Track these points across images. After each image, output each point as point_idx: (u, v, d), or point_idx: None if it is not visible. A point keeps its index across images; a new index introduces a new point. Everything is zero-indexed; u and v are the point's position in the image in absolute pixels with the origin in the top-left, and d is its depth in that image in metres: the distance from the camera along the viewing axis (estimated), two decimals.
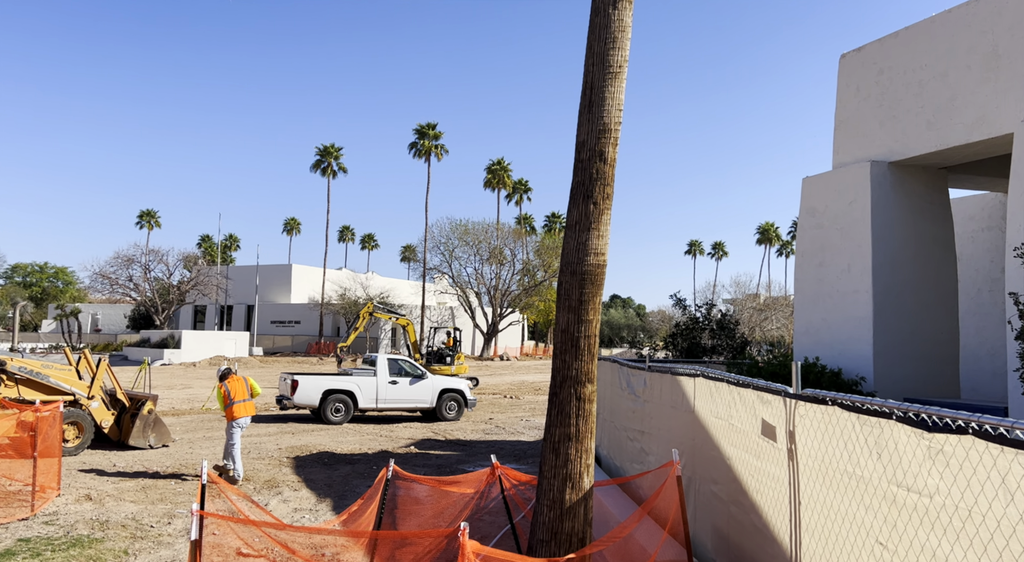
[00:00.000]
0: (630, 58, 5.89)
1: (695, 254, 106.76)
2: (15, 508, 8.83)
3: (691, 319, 16.34)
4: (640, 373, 8.79)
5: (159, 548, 7.74)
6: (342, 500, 10.18)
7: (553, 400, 5.95)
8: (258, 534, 6.52)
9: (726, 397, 5.76)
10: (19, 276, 75.05)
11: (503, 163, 74.10)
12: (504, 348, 68.34)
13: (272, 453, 13.66)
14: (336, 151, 67.99)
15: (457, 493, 8.22)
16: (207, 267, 65.34)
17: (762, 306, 54.73)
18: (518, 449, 15.02)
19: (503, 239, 65.32)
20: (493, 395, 27.67)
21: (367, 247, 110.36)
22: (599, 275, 5.86)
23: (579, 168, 5.88)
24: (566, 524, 5.63)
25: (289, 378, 18.12)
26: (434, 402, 19.13)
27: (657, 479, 6.56)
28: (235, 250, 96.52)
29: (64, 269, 77.01)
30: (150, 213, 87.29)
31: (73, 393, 13.06)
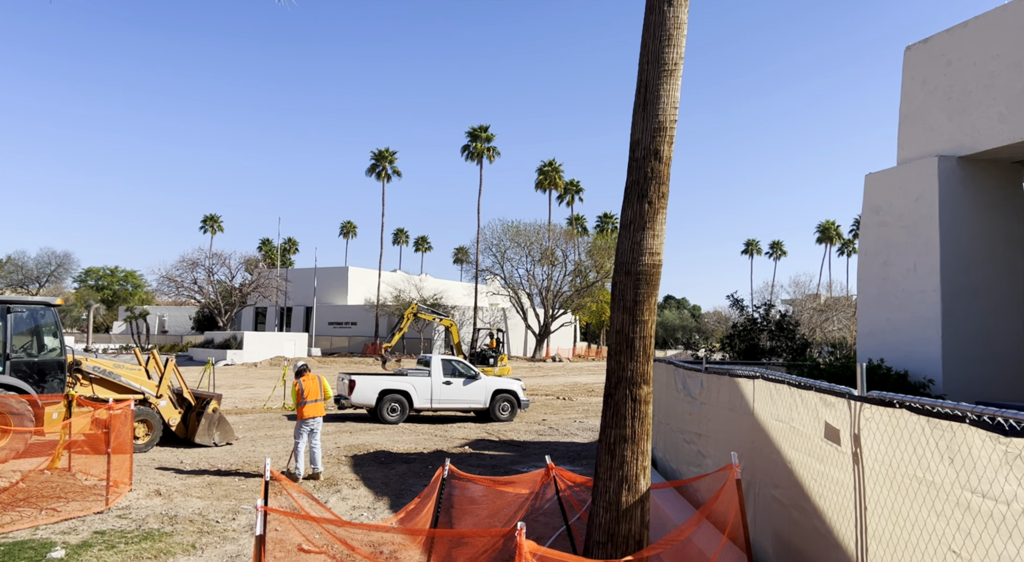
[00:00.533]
0: (685, 56, 5.81)
1: (752, 254, 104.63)
2: (91, 502, 9.23)
3: (749, 320, 16.01)
4: (696, 375, 8.66)
5: (224, 543, 7.98)
6: (399, 499, 10.33)
7: (608, 401, 5.91)
8: (319, 531, 6.67)
9: (787, 399, 5.63)
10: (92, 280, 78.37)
11: (555, 164, 74.02)
12: (556, 349, 68.22)
13: (331, 452, 13.94)
14: (391, 155, 69.01)
15: (512, 493, 8.24)
16: (267, 270, 67.10)
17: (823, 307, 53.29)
18: (572, 451, 14.98)
19: (555, 240, 65.24)
20: (546, 396, 27.65)
21: (420, 249, 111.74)
22: (654, 275, 5.80)
23: (633, 167, 5.83)
24: (623, 526, 5.58)
25: (347, 378, 18.48)
26: (487, 403, 19.24)
27: (715, 482, 6.46)
28: (294, 253, 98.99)
29: (133, 273, 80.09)
30: (213, 218, 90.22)
31: (143, 392, 13.57)
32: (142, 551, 7.47)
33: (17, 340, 12.65)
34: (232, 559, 7.47)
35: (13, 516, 8.47)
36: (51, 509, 8.86)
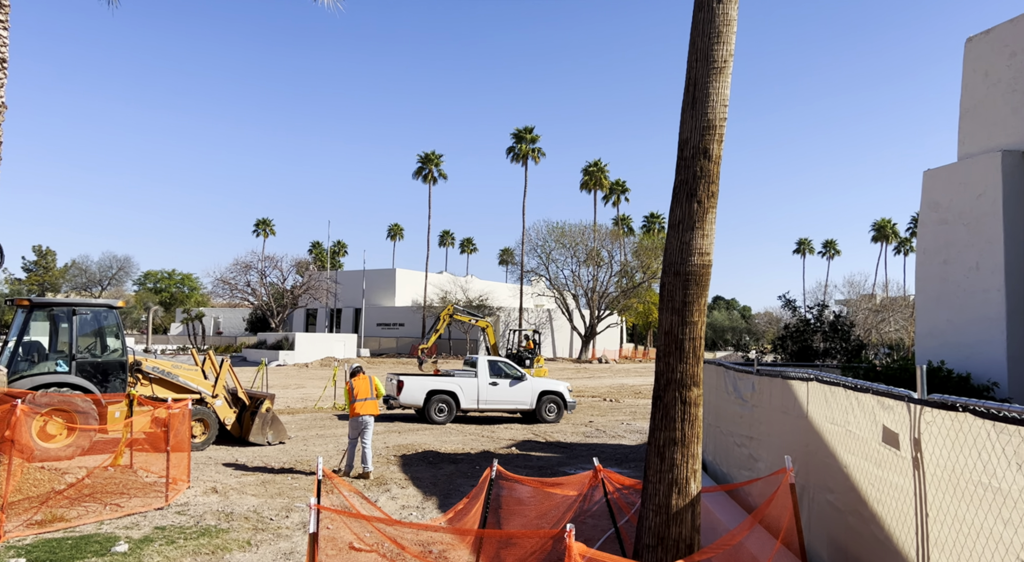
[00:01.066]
0: (735, 53, 5.73)
1: (804, 253, 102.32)
2: (151, 498, 9.54)
3: (801, 321, 15.65)
4: (748, 377, 8.52)
5: (278, 540, 8.16)
6: (447, 498, 10.40)
7: (657, 403, 5.86)
8: (369, 529, 6.77)
9: (842, 402, 5.50)
10: (151, 282, 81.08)
11: (600, 164, 73.62)
12: (602, 351, 67.80)
13: (380, 451, 14.12)
14: (437, 158, 69.63)
15: (560, 495, 8.23)
16: (317, 272, 68.40)
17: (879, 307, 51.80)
18: (619, 453, 14.87)
19: (600, 241, 64.89)
20: (592, 398, 27.51)
21: (466, 251, 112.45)
22: (704, 276, 5.73)
23: (682, 166, 5.77)
24: (673, 530, 5.52)
25: (395, 379, 18.71)
26: (534, 404, 19.24)
27: (768, 486, 6.34)
28: (343, 256, 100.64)
29: (189, 275, 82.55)
30: (266, 222, 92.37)
31: (199, 392, 13.97)
32: (200, 547, 7.69)
33: (82, 341, 13.15)
34: (286, 556, 7.63)
35: (80, 511, 8.81)
36: (114, 504, 9.19)
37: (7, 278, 67.23)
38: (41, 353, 13.01)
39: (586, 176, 73.81)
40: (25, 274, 71.11)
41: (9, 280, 67.62)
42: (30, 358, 12.74)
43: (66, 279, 70.78)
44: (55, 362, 12.73)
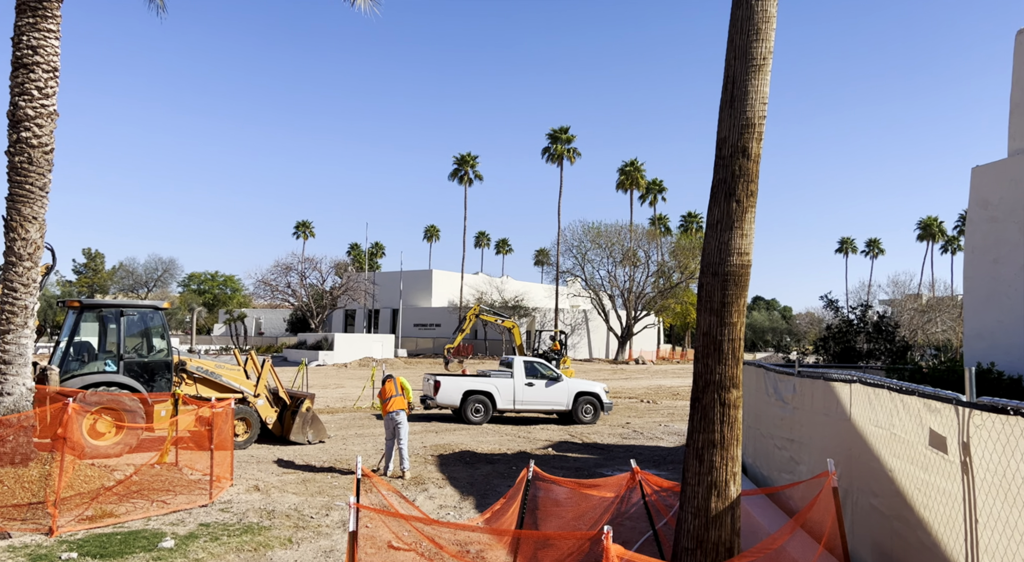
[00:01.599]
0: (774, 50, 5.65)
1: (847, 252, 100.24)
2: (196, 495, 9.77)
3: (844, 321, 15.34)
4: (788, 378, 8.39)
5: (319, 538, 8.28)
6: (484, 499, 10.44)
7: (695, 405, 5.80)
8: (407, 528, 6.83)
9: (887, 405, 5.38)
10: (194, 284, 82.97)
11: (636, 164, 73.14)
12: (639, 351, 67.32)
13: (417, 451, 14.23)
14: (472, 159, 69.94)
15: (597, 496, 8.20)
16: (356, 273, 69.21)
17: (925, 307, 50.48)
18: (657, 455, 14.75)
19: (636, 241, 64.46)
20: (629, 399, 27.34)
21: (501, 252, 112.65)
22: (743, 276, 5.66)
23: (720, 165, 5.71)
24: (712, 533, 5.47)
25: (432, 379, 18.84)
26: (570, 405, 19.19)
27: (810, 490, 6.23)
28: (381, 257, 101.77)
29: (232, 277, 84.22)
30: (305, 224, 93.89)
31: (242, 391, 14.25)
32: (243, 544, 7.85)
33: (129, 342, 13.52)
34: (326, 554, 7.74)
35: (128, 507, 9.06)
36: (161, 501, 9.43)
37: (59, 280, 69.42)
38: (91, 353, 13.40)
39: (622, 176, 73.39)
40: (75, 276, 73.40)
41: (60, 282, 69.80)
42: (80, 358, 13.14)
43: (114, 281, 72.84)
44: (104, 362, 13.10)
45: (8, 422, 9.55)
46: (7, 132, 10.02)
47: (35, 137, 10.01)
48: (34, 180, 10.01)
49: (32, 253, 10.07)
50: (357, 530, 5.33)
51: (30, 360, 10.15)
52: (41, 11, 10.01)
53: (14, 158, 9.96)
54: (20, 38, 9.99)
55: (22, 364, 9.91)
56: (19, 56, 9.99)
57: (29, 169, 9.96)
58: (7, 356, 9.80)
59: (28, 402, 9.95)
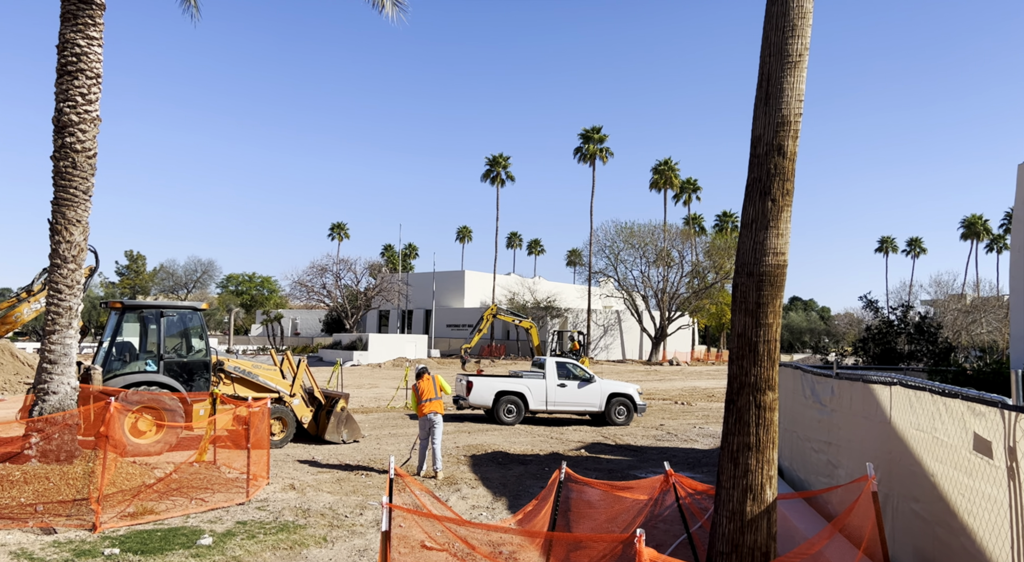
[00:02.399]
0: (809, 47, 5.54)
1: (887, 252, 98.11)
2: (233, 493, 9.93)
3: (884, 322, 15.00)
4: (826, 380, 8.23)
5: (353, 537, 8.35)
6: (516, 499, 10.44)
7: (730, 407, 5.72)
8: (440, 528, 6.84)
9: (929, 408, 5.25)
10: (232, 285, 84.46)
11: (670, 163, 72.54)
12: (673, 353, 66.71)
13: (450, 451, 14.28)
14: (504, 160, 70.05)
15: (630, 499, 8.14)
16: (389, 274, 69.80)
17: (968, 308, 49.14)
18: (691, 457, 14.59)
19: (670, 240, 63.89)
20: (663, 401, 27.10)
21: (534, 252, 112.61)
22: (779, 276, 5.57)
23: (755, 164, 5.62)
24: (748, 537, 5.38)
25: (464, 379, 18.90)
26: (603, 406, 19.09)
27: (849, 494, 6.10)
28: (414, 258, 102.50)
29: (268, 278, 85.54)
30: (340, 226, 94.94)
31: (278, 391, 14.45)
32: (279, 542, 7.95)
33: (169, 342, 13.81)
34: (360, 553, 7.81)
35: (168, 504, 9.25)
36: (199, 499, 9.60)
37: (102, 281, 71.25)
38: (132, 353, 13.72)
39: (656, 175, 72.84)
40: (118, 278, 75.28)
41: (103, 283, 71.64)
42: (122, 358, 13.45)
43: (155, 282, 74.52)
44: (145, 362, 13.40)
45: (54, 420, 9.82)
46: (52, 137, 10.30)
47: (79, 142, 10.27)
48: (78, 184, 10.27)
49: (76, 255, 10.34)
50: (390, 530, 5.36)
51: (74, 360, 10.42)
52: (85, 19, 10.27)
53: (59, 163, 10.24)
54: (65, 46, 10.26)
55: (67, 364, 10.17)
56: (63, 63, 10.27)
57: (73, 173, 10.23)
58: (52, 356, 10.07)
59: (73, 401, 10.21)
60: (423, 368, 12.68)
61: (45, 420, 9.78)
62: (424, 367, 12.74)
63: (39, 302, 13.29)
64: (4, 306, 13.63)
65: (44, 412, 9.85)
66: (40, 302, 13.27)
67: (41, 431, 9.72)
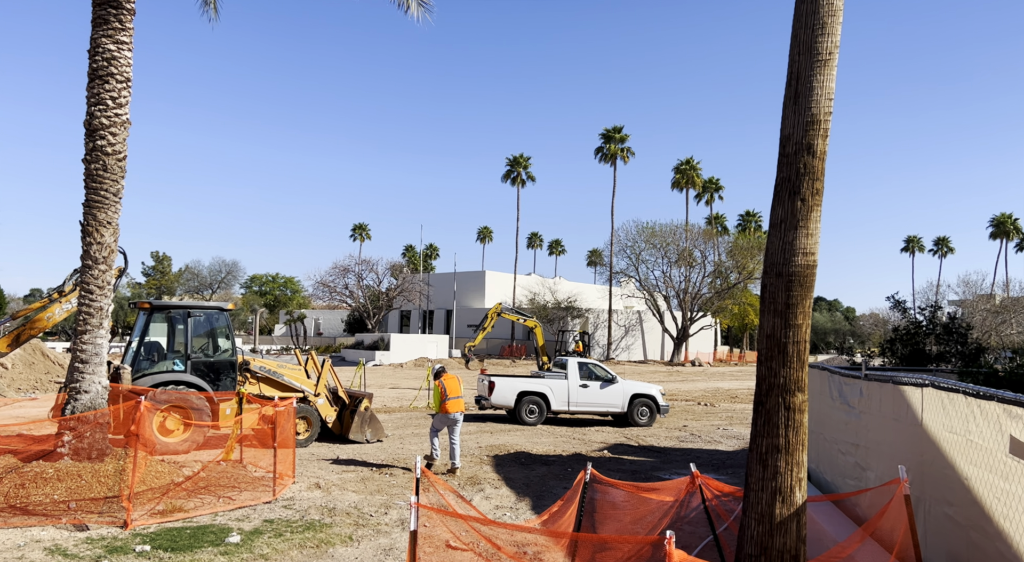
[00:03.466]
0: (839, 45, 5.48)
1: (913, 251, 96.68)
2: (260, 492, 10.03)
3: (912, 323, 14.77)
4: (855, 382, 8.13)
5: (378, 536, 8.41)
6: (540, 500, 10.43)
7: (759, 409, 5.68)
8: (465, 528, 6.86)
9: (962, 410, 5.17)
10: (256, 285, 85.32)
11: (692, 162, 72.05)
12: (695, 353, 66.25)
13: (473, 451, 14.31)
14: (525, 160, 70.03)
15: (656, 500, 8.10)
16: (411, 275, 70.10)
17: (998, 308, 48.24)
18: (716, 459, 14.49)
19: (692, 240, 63.46)
20: (686, 402, 26.94)
21: (554, 253, 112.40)
22: (808, 276, 5.51)
23: (784, 163, 5.57)
24: (777, 540, 5.34)
25: (486, 379, 18.92)
26: (625, 407, 19.01)
27: (879, 497, 6.03)
28: (435, 258, 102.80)
29: (292, 279, 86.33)
30: (362, 226, 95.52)
31: (303, 390, 14.57)
32: (306, 540, 8.02)
33: (196, 342, 13.97)
34: (386, 552, 7.85)
35: (196, 502, 9.37)
36: (227, 497, 9.72)
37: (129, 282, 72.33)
38: (160, 353, 13.90)
39: (677, 175, 72.38)
40: (144, 278, 76.37)
41: (131, 284, 72.72)
42: (151, 357, 13.64)
43: (180, 283, 75.50)
44: (172, 361, 13.57)
45: (85, 419, 9.98)
46: (84, 141, 10.47)
47: (109, 145, 10.43)
48: (108, 186, 10.43)
49: (107, 256, 10.50)
50: (417, 529, 5.38)
51: (105, 359, 10.58)
52: (115, 24, 10.44)
53: (90, 165, 10.41)
54: (96, 50, 10.43)
55: (98, 363, 10.34)
56: (95, 68, 10.44)
57: (104, 176, 10.40)
58: (84, 355, 10.24)
59: (103, 400, 10.37)
60: (441, 367, 12.80)
61: (77, 418, 9.94)
62: (442, 367, 12.87)
63: (70, 302, 13.51)
64: (36, 307, 13.88)
65: (76, 411, 10.02)
66: (71, 302, 13.49)
67: (73, 429, 9.89)
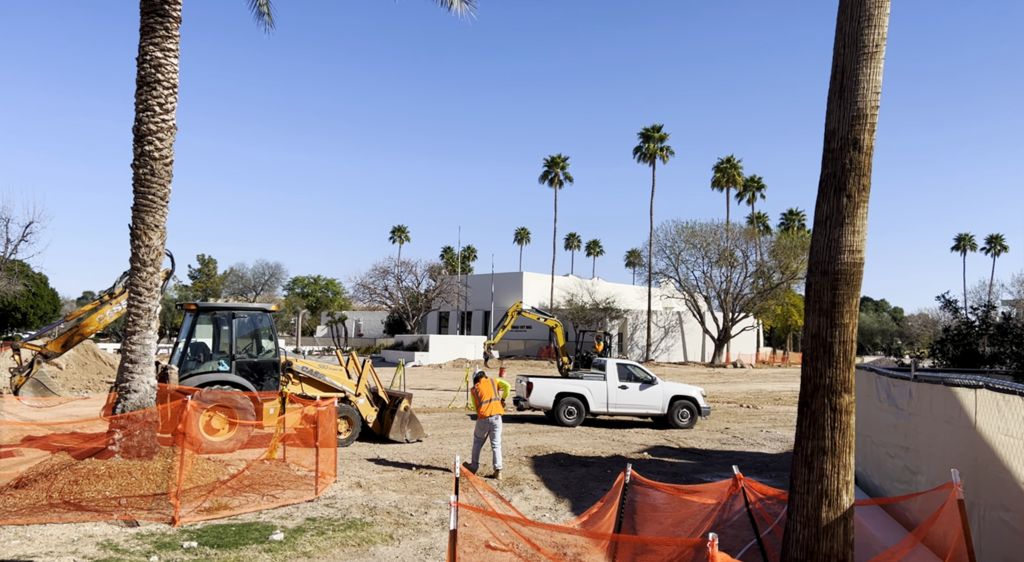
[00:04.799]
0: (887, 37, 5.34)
1: (964, 250, 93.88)
2: (302, 491, 10.17)
3: (964, 323, 14.32)
4: (904, 383, 7.91)
5: (418, 535, 8.45)
6: (579, 502, 10.38)
7: (804, 410, 5.56)
8: (504, 529, 6.86)
9: (1020, 412, 4.98)
10: (298, 287, 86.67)
11: (733, 160, 71.01)
12: (737, 355, 65.27)
13: (511, 452, 14.31)
14: (562, 161, 69.87)
15: (697, 503, 7.99)
16: (449, 276, 70.48)
17: None
18: (759, 461, 14.24)
19: (733, 240, 62.54)
20: (727, 404, 26.54)
21: (592, 253, 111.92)
22: (855, 275, 5.38)
23: (829, 159, 5.45)
24: (823, 544, 5.21)
25: (524, 380, 18.91)
26: (665, 409, 18.81)
27: (931, 502, 5.85)
28: (473, 260, 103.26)
29: (333, 281, 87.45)
30: (401, 229, 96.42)
31: (344, 391, 14.74)
32: (347, 539, 8.11)
33: (240, 342, 14.24)
34: (426, 551, 7.89)
35: (241, 500, 9.54)
36: (271, 495, 9.88)
37: (175, 284, 74.12)
38: (206, 353, 14.20)
39: (718, 173, 71.42)
40: (191, 281, 78.18)
41: (178, 286, 74.52)
42: (197, 358, 13.95)
43: (225, 285, 77.08)
44: (217, 362, 13.86)
45: (135, 417, 10.25)
46: (132, 146, 10.76)
47: (157, 150, 10.71)
48: (156, 191, 10.71)
49: (155, 259, 10.77)
50: (457, 528, 5.39)
51: (153, 359, 10.85)
52: (162, 33, 10.71)
53: (138, 170, 10.69)
54: (144, 58, 10.71)
55: (146, 363, 10.61)
56: (143, 75, 10.72)
57: (151, 180, 10.67)
58: (133, 356, 10.51)
59: (152, 399, 10.64)
60: (480, 372, 12.91)
61: (127, 417, 10.21)
62: (482, 371, 12.97)
63: (120, 304, 13.90)
64: (88, 309, 14.31)
65: (126, 409, 10.30)
66: (121, 304, 13.87)
67: (123, 428, 10.16)
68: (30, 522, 8.16)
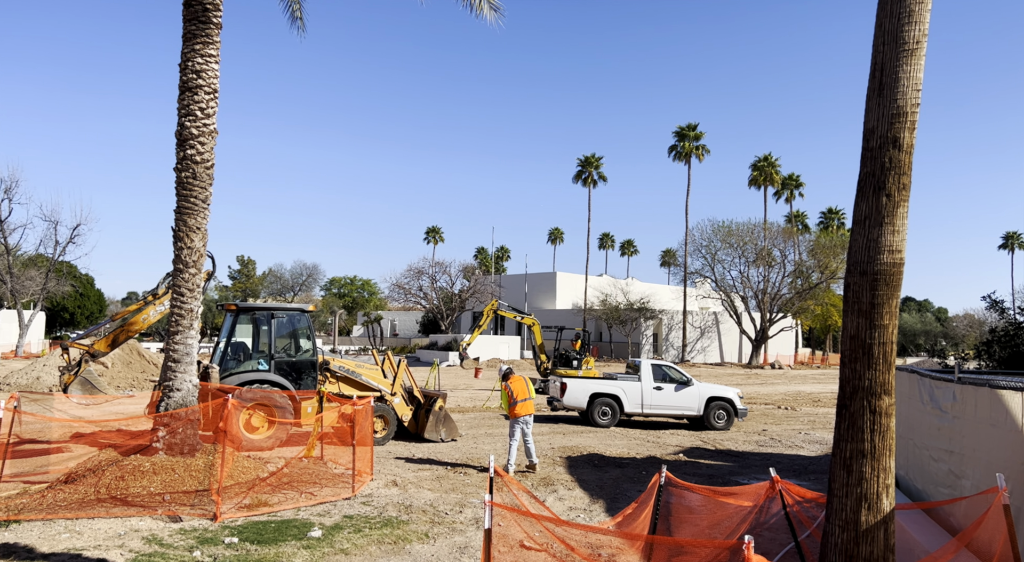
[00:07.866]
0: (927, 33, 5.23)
1: (1012, 248, 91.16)
2: (340, 488, 10.32)
3: (1011, 324, 13.93)
4: (947, 385, 7.74)
5: (453, 534, 8.52)
6: (614, 502, 10.35)
7: (842, 412, 5.47)
8: (538, 529, 6.88)
9: None
10: (335, 288, 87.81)
11: (770, 158, 69.97)
12: (775, 356, 64.32)
13: (545, 452, 14.32)
14: (596, 160, 69.62)
15: (734, 505, 7.92)
16: (482, 276, 70.77)
17: None
18: (797, 464, 14.03)
19: (771, 239, 61.64)
20: (765, 405, 26.18)
21: (626, 253, 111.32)
22: (895, 275, 5.28)
23: (868, 157, 5.36)
24: (863, 548, 5.13)
25: (558, 381, 18.89)
26: (701, 410, 18.64)
27: (975, 507, 5.72)
28: (506, 260, 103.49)
29: (369, 281, 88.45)
30: (435, 229, 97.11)
31: (380, 390, 14.91)
32: (383, 536, 8.21)
33: (279, 342, 14.50)
34: (461, 550, 7.95)
35: (280, 497, 9.72)
36: (309, 493, 10.04)
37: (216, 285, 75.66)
38: (246, 352, 14.49)
39: (755, 172, 70.42)
40: (231, 281, 79.73)
41: (218, 287, 76.06)
42: (237, 357, 14.24)
43: (264, 285, 78.45)
44: (257, 361, 14.12)
45: (178, 416, 10.51)
46: (175, 150, 11.03)
47: (198, 154, 10.96)
48: (198, 194, 10.96)
49: (196, 261, 11.03)
50: (491, 528, 5.43)
51: (195, 359, 11.11)
52: (203, 39, 10.96)
53: (181, 174, 10.95)
54: (186, 64, 10.97)
55: (188, 362, 10.87)
56: (185, 80, 10.98)
57: (193, 183, 10.93)
58: (176, 355, 10.78)
59: (194, 397, 10.89)
60: (509, 369, 12.79)
61: (170, 415, 10.48)
62: (510, 368, 12.88)
63: (163, 304, 14.25)
64: (132, 309, 14.69)
65: (169, 408, 10.56)
66: (164, 305, 14.22)
67: (167, 425, 10.42)
68: (79, 516, 8.42)
